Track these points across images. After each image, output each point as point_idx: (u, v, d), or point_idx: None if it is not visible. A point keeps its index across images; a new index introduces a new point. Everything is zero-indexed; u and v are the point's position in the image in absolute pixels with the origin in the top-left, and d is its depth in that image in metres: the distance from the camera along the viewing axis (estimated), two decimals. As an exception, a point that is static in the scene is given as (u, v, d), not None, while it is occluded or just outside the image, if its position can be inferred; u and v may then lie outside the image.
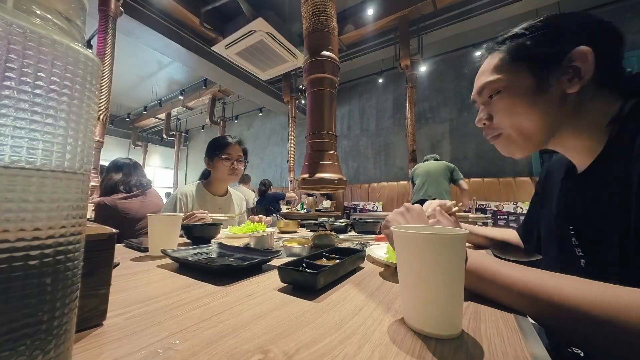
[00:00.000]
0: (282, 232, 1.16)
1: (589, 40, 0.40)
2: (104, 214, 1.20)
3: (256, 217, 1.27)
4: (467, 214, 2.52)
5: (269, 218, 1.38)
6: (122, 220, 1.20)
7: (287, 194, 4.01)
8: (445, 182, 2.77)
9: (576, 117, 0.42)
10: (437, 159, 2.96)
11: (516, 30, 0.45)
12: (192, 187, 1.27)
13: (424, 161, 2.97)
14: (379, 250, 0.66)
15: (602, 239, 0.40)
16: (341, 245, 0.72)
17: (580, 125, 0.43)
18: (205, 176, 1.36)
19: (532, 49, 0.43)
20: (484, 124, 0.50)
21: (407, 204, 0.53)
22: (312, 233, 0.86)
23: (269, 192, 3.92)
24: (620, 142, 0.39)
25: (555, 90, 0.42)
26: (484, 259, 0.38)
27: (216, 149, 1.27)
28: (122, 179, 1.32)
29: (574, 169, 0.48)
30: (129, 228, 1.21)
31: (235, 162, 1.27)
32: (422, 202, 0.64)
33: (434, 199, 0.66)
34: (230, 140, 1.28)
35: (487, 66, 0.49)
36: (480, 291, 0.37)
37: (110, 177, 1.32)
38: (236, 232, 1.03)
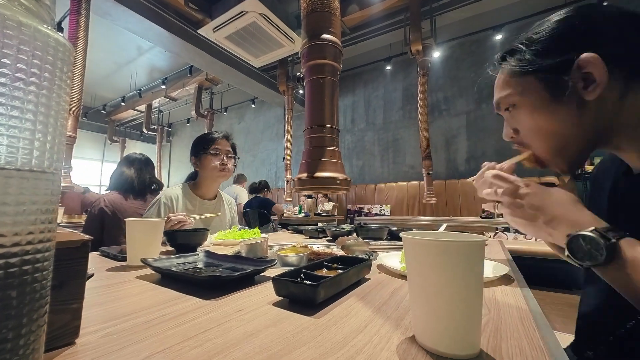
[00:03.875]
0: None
1: (597, 41, 0.41)
2: (98, 213, 1.28)
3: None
4: (488, 217, 2.52)
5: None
6: (118, 222, 1.27)
7: (275, 206, 3.74)
8: None
9: (618, 121, 0.43)
10: None
11: (515, 44, 0.48)
12: (178, 189, 1.28)
13: None
14: (390, 259, 0.66)
15: None
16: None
17: (625, 127, 0.43)
18: (191, 178, 1.37)
19: (534, 62, 0.45)
20: (512, 137, 0.53)
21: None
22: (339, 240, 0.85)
23: (261, 195, 3.85)
24: None
25: (574, 99, 0.43)
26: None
27: (202, 145, 1.28)
28: (134, 175, 1.41)
29: (628, 169, 0.49)
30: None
31: (224, 157, 1.28)
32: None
33: None
34: (216, 135, 1.30)
35: (499, 79, 0.52)
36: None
37: (121, 171, 1.42)
38: (226, 239, 1.03)
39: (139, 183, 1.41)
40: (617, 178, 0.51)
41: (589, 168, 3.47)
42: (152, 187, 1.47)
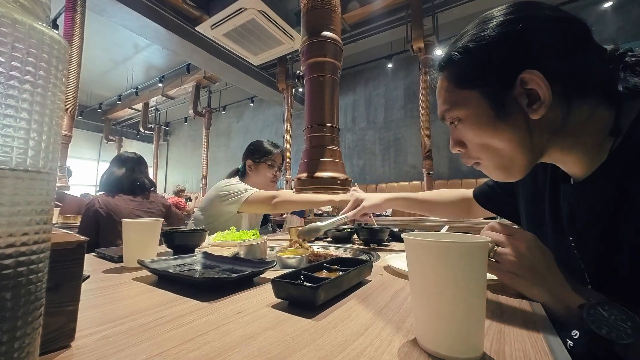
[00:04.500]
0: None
1: (538, 54, 0.40)
2: (93, 214, 1.26)
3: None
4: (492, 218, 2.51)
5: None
6: (114, 224, 1.26)
7: None
8: None
9: (562, 135, 0.43)
10: None
11: (451, 53, 0.46)
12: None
13: None
14: (396, 260, 0.66)
15: (605, 253, 0.43)
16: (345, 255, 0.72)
17: (570, 141, 0.44)
18: (240, 175, 1.48)
19: (475, 76, 0.44)
20: (459, 150, 0.52)
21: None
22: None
23: None
24: (622, 155, 0.41)
25: (520, 116, 0.42)
26: None
27: (262, 153, 1.43)
28: (125, 174, 1.40)
29: (565, 176, 0.50)
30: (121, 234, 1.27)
31: (277, 170, 1.46)
32: None
33: None
34: (273, 149, 1.45)
35: (440, 89, 0.49)
36: None
37: (112, 171, 1.41)
38: (224, 240, 1.03)
39: (130, 183, 1.39)
40: (554, 186, 0.52)
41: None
42: (147, 186, 1.46)
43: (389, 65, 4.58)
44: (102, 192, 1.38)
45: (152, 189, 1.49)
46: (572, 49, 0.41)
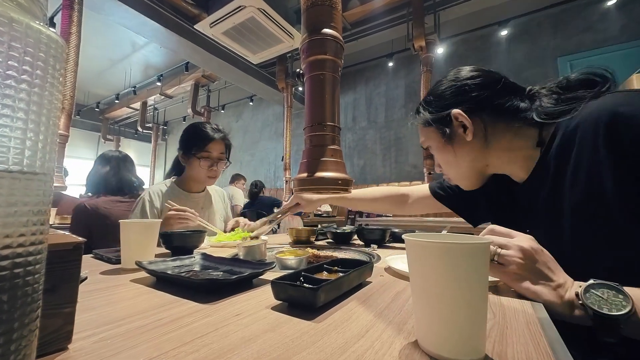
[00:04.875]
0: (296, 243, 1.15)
1: (465, 99, 0.61)
2: (83, 217, 1.22)
3: (241, 220, 1.23)
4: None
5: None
6: (105, 227, 1.21)
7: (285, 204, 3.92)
8: None
9: (496, 149, 0.61)
10: None
11: (418, 106, 0.70)
12: (162, 185, 1.24)
13: None
14: (397, 261, 0.66)
15: (549, 241, 0.50)
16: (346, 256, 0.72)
17: (506, 155, 0.62)
18: (177, 171, 1.31)
19: (428, 118, 0.66)
20: (439, 169, 0.73)
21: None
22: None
23: (262, 194, 3.88)
24: (545, 159, 0.56)
25: (461, 140, 0.63)
26: None
27: (194, 142, 1.20)
28: (110, 173, 1.35)
29: (510, 180, 0.66)
30: (113, 236, 1.23)
31: (216, 163, 1.22)
32: None
33: None
34: (212, 134, 1.21)
35: (419, 130, 0.73)
36: None
37: (96, 170, 1.37)
38: (223, 241, 1.03)
39: (117, 181, 1.35)
40: (509, 189, 0.67)
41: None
42: (135, 185, 1.41)
43: (390, 64, 4.58)
44: (89, 194, 1.34)
45: (143, 186, 1.45)
46: (484, 93, 0.60)
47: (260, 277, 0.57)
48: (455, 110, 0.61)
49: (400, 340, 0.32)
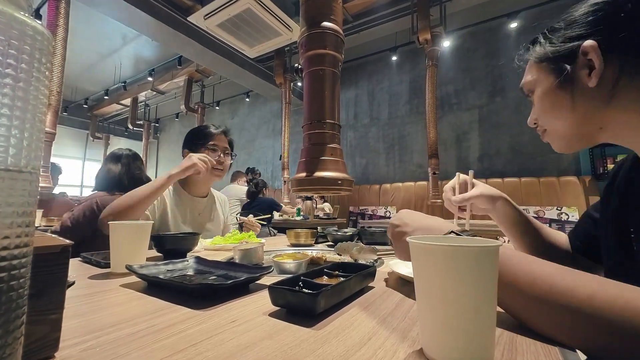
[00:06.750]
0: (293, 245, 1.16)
1: (602, 29, 0.45)
2: (89, 215, 1.23)
3: (245, 218, 1.27)
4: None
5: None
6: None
7: (284, 208, 3.89)
8: None
9: (630, 111, 0.46)
10: None
11: (537, 36, 0.56)
12: None
13: None
14: (400, 265, 0.65)
15: None
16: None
17: (631, 115, 0.46)
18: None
19: (549, 50, 0.52)
20: (535, 123, 0.60)
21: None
22: (340, 245, 0.84)
23: (262, 196, 3.85)
24: None
25: (579, 85, 0.49)
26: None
27: (199, 139, 1.27)
28: (122, 171, 1.40)
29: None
30: None
31: (221, 154, 1.28)
32: None
33: None
34: (213, 130, 1.29)
35: (528, 65, 0.59)
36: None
37: (108, 169, 1.41)
38: (218, 244, 1.03)
39: (129, 180, 1.39)
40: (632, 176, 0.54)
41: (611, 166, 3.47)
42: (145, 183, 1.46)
43: (394, 58, 4.58)
44: (98, 191, 1.37)
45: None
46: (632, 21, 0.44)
47: (257, 281, 0.57)
48: (588, 43, 0.45)
49: (405, 349, 0.32)
